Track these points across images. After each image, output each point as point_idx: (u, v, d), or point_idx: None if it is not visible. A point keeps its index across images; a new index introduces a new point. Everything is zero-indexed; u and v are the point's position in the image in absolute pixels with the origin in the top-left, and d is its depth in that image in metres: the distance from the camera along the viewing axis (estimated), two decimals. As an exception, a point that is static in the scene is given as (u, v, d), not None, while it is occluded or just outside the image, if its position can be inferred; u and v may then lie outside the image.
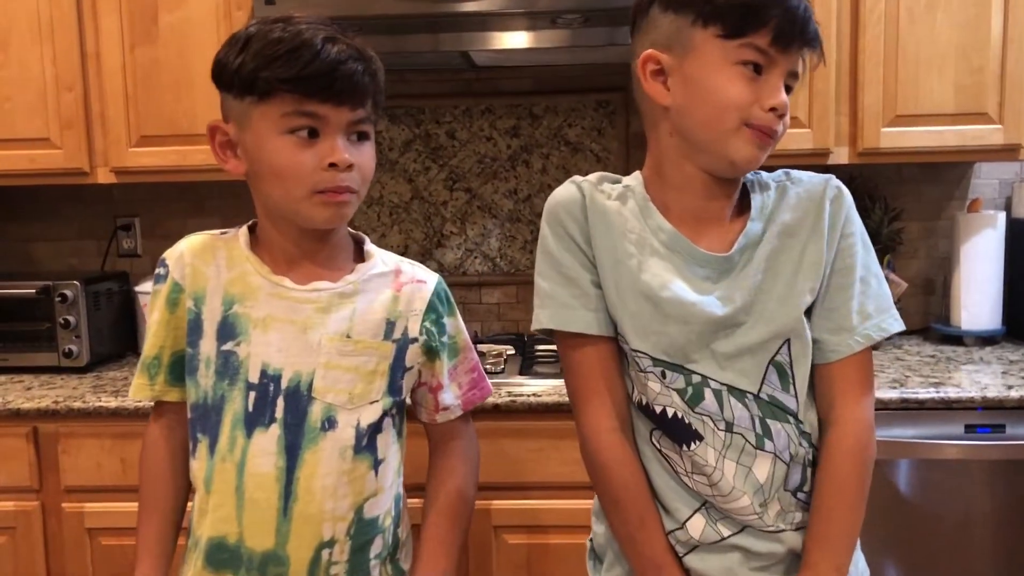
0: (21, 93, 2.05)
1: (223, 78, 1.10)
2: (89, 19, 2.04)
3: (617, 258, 1.05)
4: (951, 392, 1.72)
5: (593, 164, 2.34)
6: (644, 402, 1.07)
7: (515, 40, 2.00)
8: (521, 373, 1.91)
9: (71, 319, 2.05)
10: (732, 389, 1.04)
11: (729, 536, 1.05)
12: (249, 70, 1.06)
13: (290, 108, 1.06)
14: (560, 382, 1.83)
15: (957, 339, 2.16)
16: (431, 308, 1.20)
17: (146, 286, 2.26)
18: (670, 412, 1.05)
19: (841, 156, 1.98)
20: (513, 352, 2.10)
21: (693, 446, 1.04)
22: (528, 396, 1.76)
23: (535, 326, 1.10)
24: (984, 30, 1.92)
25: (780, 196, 1.08)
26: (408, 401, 1.24)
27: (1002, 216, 2.11)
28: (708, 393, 1.04)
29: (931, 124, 1.96)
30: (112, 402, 1.81)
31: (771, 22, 0.96)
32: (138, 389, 1.21)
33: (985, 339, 2.14)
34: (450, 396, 1.24)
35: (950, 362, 1.98)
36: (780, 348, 1.04)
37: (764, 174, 1.10)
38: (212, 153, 1.15)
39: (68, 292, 2.06)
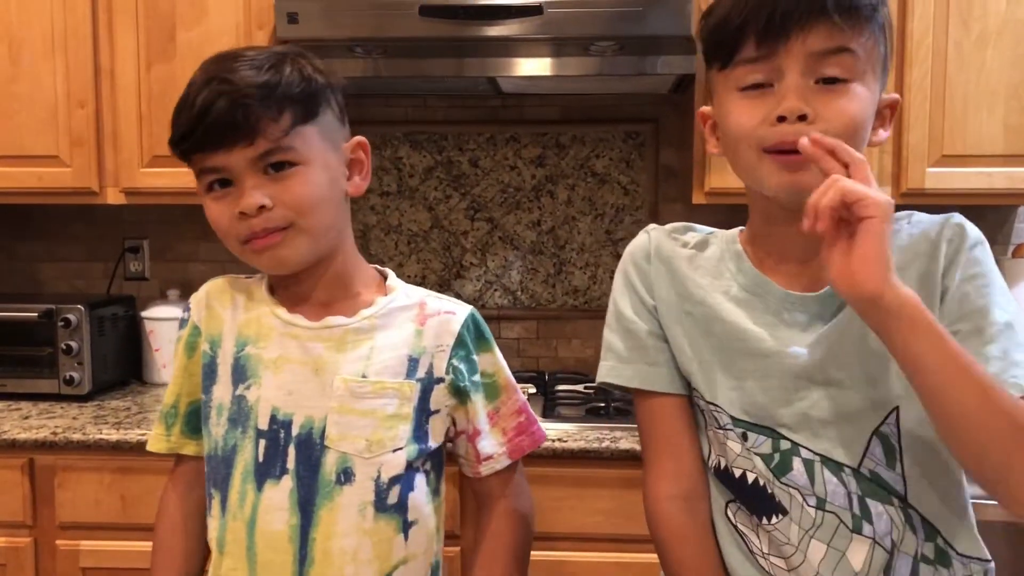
0: (31, 108, 1.98)
1: None
2: (105, 34, 1.98)
3: (683, 308, 0.97)
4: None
5: (620, 196, 2.26)
6: (723, 465, 0.96)
7: (543, 67, 1.93)
8: (544, 416, 1.81)
9: (74, 344, 1.97)
10: (827, 460, 0.90)
11: None
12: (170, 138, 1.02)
13: (197, 166, 1.01)
14: (585, 425, 1.75)
15: (1000, 390, 2.05)
16: (460, 343, 1.07)
17: (153, 311, 2.18)
18: (750, 478, 0.93)
19: (883, 196, 1.89)
20: (534, 391, 2.01)
21: (774, 520, 0.91)
22: (551, 440, 1.66)
23: (597, 379, 1.04)
24: (1036, 68, 1.84)
25: (893, 238, 0.91)
26: (444, 453, 1.13)
27: (1049, 262, 2.02)
28: (797, 463, 0.90)
29: (979, 165, 1.87)
30: (113, 435, 1.73)
31: (749, 26, 0.85)
32: (155, 440, 1.14)
33: (1030, 391, 2.03)
34: (492, 443, 1.10)
35: (995, 415, 1.87)
36: (887, 417, 0.89)
37: None
38: None
39: (71, 316, 1.97)
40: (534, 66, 1.92)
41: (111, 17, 1.97)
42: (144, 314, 2.19)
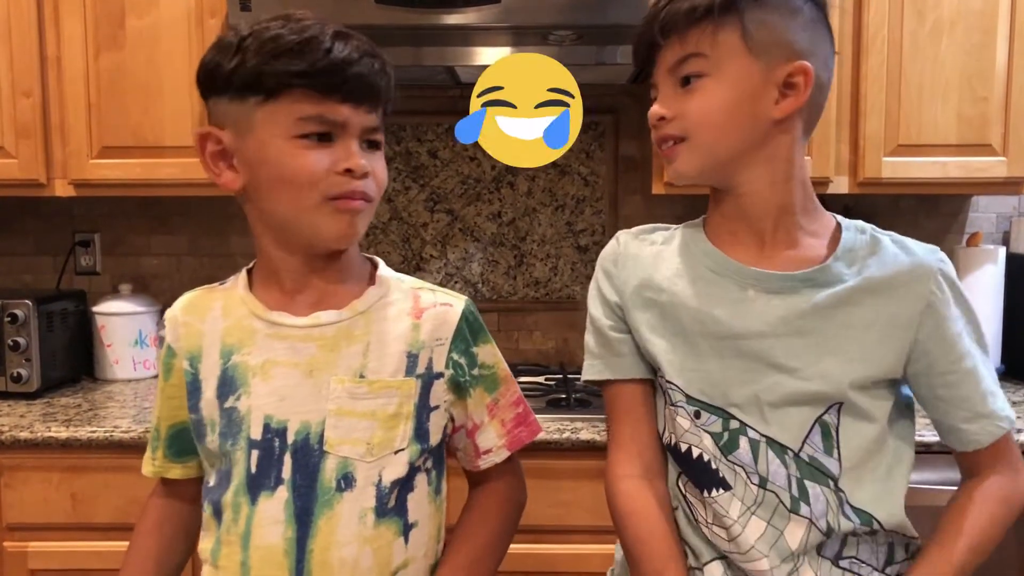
0: (-27, 98, 1.91)
1: (216, 81, 0.96)
2: (50, 22, 1.91)
3: (647, 296, 1.02)
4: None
5: (580, 187, 2.25)
6: (672, 441, 1.02)
7: (502, 56, 1.90)
8: (504, 407, 1.79)
9: (21, 341, 1.91)
10: (771, 442, 0.96)
11: None
12: (252, 66, 0.92)
13: (305, 109, 0.93)
14: (546, 417, 1.73)
15: (955, 377, 2.08)
16: (459, 336, 1.04)
17: (105, 306, 2.13)
18: (695, 452, 0.99)
19: (841, 186, 1.91)
20: (495, 384, 1.99)
21: (715, 493, 0.97)
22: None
23: (582, 379, 1.11)
24: (989, 58, 1.86)
25: (873, 246, 0.98)
26: (445, 449, 1.10)
27: (1002, 251, 2.04)
28: (744, 442, 0.96)
29: (934, 155, 1.88)
30: (63, 432, 1.68)
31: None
32: (144, 463, 1.13)
33: (984, 378, 2.06)
34: (492, 436, 1.08)
35: (951, 402, 1.90)
36: (830, 408, 0.95)
37: (864, 223, 1.02)
38: (203, 166, 0.99)
39: (19, 312, 1.92)
40: (493, 55, 1.89)
41: (57, 3, 1.90)
42: (95, 309, 2.14)
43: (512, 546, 1.13)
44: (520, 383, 1.98)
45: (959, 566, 0.96)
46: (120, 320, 2.12)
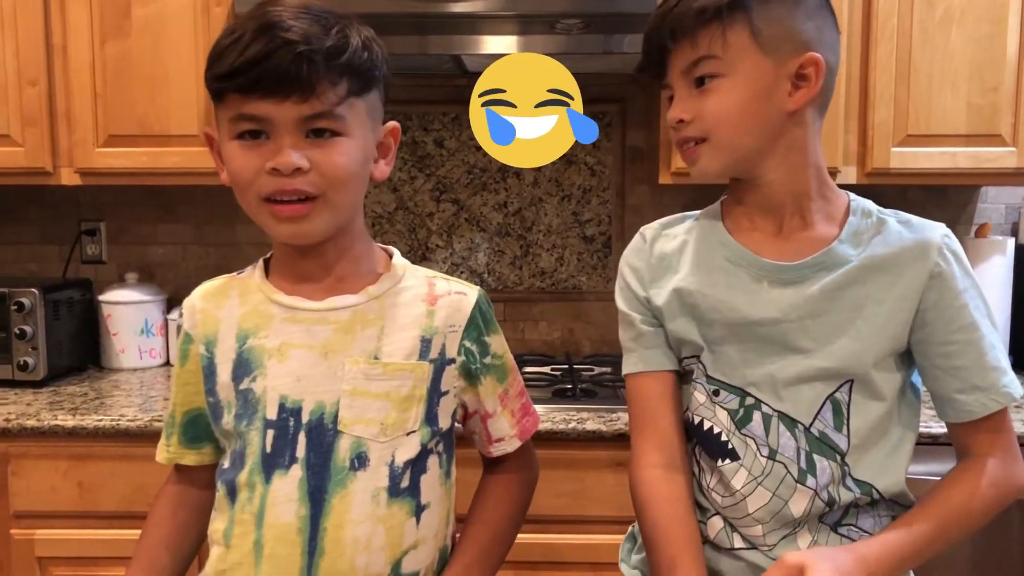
0: (-20, 86, 1.91)
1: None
2: (56, 10, 1.91)
3: (672, 287, 1.05)
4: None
5: (587, 177, 2.24)
6: (687, 414, 1.07)
7: (508, 45, 1.90)
8: (510, 397, 1.79)
9: (28, 329, 1.92)
10: (784, 417, 1.00)
11: (739, 549, 1.03)
12: (206, 78, 0.96)
13: (233, 110, 0.94)
14: (552, 407, 1.73)
15: (962, 369, 2.07)
16: (472, 324, 1.06)
17: (111, 295, 2.13)
18: (707, 425, 1.04)
19: (849, 176, 1.90)
20: (501, 374, 1.99)
21: (723, 463, 1.03)
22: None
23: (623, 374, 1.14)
24: (1000, 48, 1.84)
25: (879, 226, 1.01)
26: (456, 432, 1.12)
27: (1011, 242, 2.03)
28: (757, 416, 1.01)
29: (943, 145, 1.87)
30: (69, 420, 1.68)
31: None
32: (158, 450, 1.13)
33: (992, 369, 2.06)
34: (504, 425, 1.11)
35: (958, 393, 1.89)
36: (841, 386, 0.99)
37: (873, 205, 1.04)
38: (213, 161, 1.04)
39: (25, 300, 1.92)
40: (499, 44, 1.89)
41: (63, -8, 1.90)
42: (101, 298, 2.14)
43: (519, 536, 1.15)
44: (526, 373, 2.00)
45: (922, 542, 0.96)
46: (126, 309, 2.12)
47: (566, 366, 2.10)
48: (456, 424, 1.11)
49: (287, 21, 0.93)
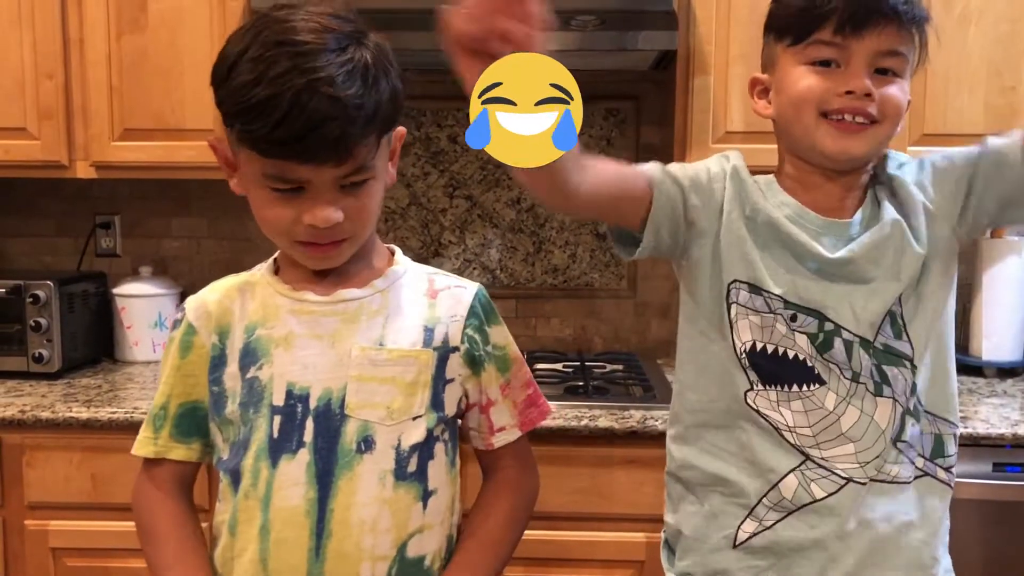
0: (-3, 79, 1.92)
1: (216, 91, 0.98)
2: (73, 5, 1.92)
3: (746, 214, 1.08)
4: (979, 428, 1.63)
5: (600, 175, 2.23)
6: (759, 347, 1.07)
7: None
8: (522, 394, 1.79)
9: (43, 321, 1.93)
10: (864, 342, 1.06)
11: (823, 498, 1.06)
12: (226, 110, 0.94)
13: (267, 166, 0.94)
14: (563, 404, 1.73)
15: (977, 370, 2.06)
16: (472, 314, 1.09)
17: (125, 288, 2.15)
18: (791, 354, 1.06)
19: (864, 175, 1.89)
20: (512, 370, 1.99)
21: (812, 388, 1.06)
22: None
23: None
24: (1018, 47, 1.83)
25: (889, 181, 1.10)
26: (458, 427, 1.12)
27: (1027, 243, 2.02)
28: (838, 342, 1.05)
29: (960, 144, 1.82)
30: (84, 413, 1.69)
31: (831, 15, 1.02)
32: (141, 444, 1.09)
33: (1006, 371, 2.05)
34: (505, 414, 1.11)
35: (972, 394, 1.89)
36: (896, 300, 1.06)
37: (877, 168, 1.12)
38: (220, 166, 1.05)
39: (41, 293, 1.93)
40: (514, 40, 1.88)
41: (80, -14, 1.91)
42: (116, 291, 2.16)
43: (527, 532, 1.14)
44: (537, 370, 2.00)
45: None
46: (140, 302, 2.13)
47: (578, 363, 2.10)
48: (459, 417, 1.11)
49: (320, 72, 0.90)
